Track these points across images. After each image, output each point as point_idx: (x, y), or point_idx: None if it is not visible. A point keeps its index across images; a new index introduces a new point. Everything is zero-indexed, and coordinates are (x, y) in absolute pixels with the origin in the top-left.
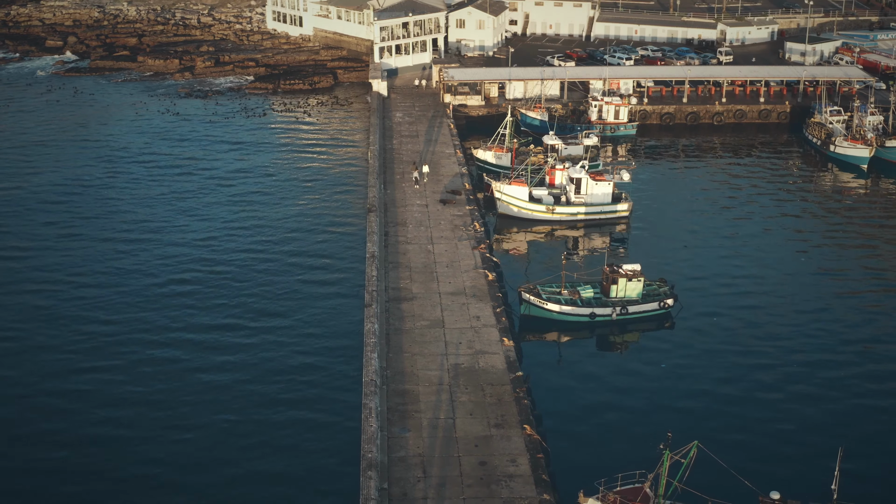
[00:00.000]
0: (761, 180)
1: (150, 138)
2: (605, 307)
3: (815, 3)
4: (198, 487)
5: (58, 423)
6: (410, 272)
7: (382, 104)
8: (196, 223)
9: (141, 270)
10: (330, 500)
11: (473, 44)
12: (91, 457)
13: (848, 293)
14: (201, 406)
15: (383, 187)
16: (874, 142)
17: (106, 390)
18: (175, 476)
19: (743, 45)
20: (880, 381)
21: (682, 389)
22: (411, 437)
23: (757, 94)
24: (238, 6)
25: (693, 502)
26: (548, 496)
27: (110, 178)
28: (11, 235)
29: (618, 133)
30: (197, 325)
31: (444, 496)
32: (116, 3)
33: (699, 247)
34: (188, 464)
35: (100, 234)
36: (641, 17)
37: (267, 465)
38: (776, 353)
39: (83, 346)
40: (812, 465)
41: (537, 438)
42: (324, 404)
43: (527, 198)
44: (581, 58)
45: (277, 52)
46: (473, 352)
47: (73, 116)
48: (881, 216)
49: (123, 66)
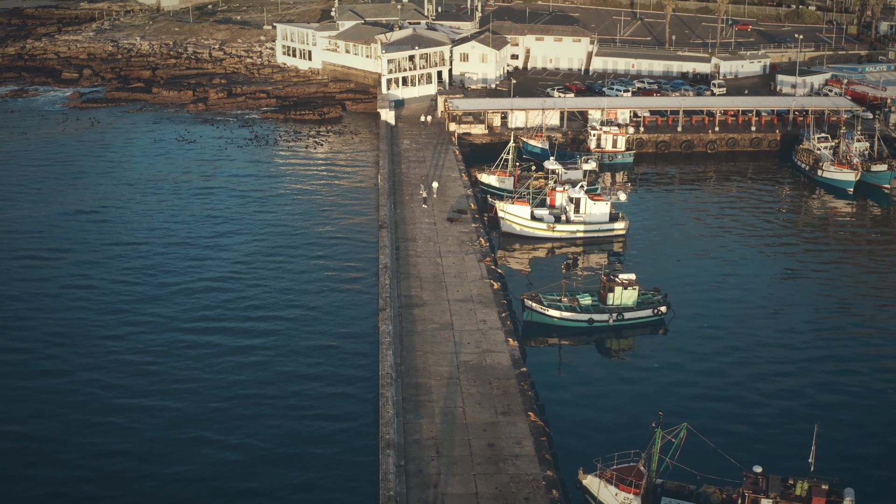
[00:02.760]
0: (752, 203)
1: (167, 163)
2: (602, 313)
3: (807, 38)
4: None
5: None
6: (421, 282)
7: (390, 132)
8: (218, 236)
9: (163, 294)
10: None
11: (477, 76)
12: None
13: (828, 300)
14: (227, 403)
15: (393, 207)
16: (860, 166)
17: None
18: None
19: (736, 79)
20: (850, 375)
21: (673, 382)
22: (425, 423)
23: (749, 124)
24: (248, 41)
25: (683, 478)
26: (551, 473)
27: (132, 198)
28: (47, 240)
29: (615, 161)
30: (224, 329)
31: (456, 472)
32: (129, 37)
33: (691, 261)
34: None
35: (131, 251)
36: (638, 52)
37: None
38: (759, 353)
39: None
40: (790, 442)
41: (541, 424)
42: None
43: (529, 217)
44: (580, 90)
45: (287, 85)
46: (481, 351)
47: (91, 143)
48: (866, 235)
49: (138, 98)
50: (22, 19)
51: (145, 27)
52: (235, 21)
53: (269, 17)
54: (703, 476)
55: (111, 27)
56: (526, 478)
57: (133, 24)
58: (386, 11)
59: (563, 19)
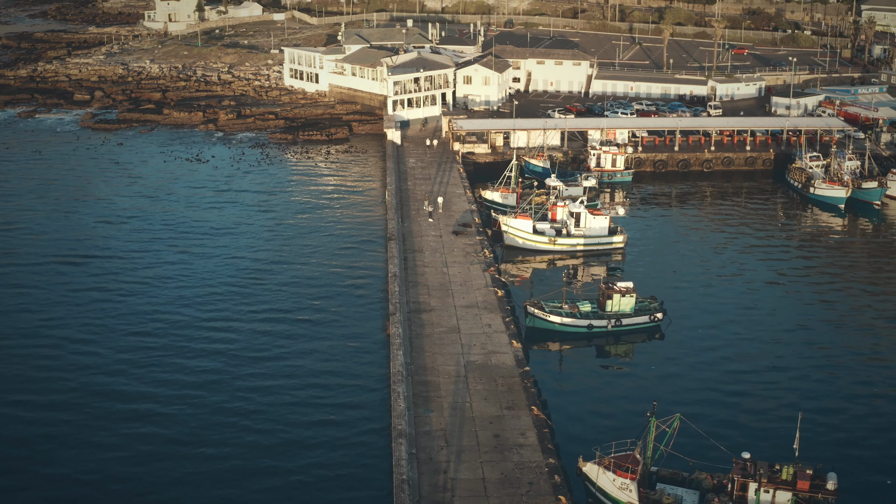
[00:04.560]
0: (746, 219)
1: (181, 179)
2: (601, 319)
3: (801, 61)
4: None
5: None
6: (428, 289)
7: (397, 151)
8: (232, 247)
9: (176, 300)
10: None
11: (479, 98)
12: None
13: (815, 307)
14: (240, 402)
15: (401, 221)
16: (850, 183)
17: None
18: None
19: (732, 101)
20: (831, 369)
21: (667, 379)
22: (434, 416)
23: (743, 143)
24: (255, 64)
25: (677, 465)
26: (553, 461)
27: (151, 211)
28: (64, 244)
29: (614, 179)
30: (238, 339)
31: (464, 460)
32: (139, 60)
33: (687, 272)
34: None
35: (141, 265)
36: (636, 75)
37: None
38: (747, 351)
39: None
40: (776, 431)
41: (543, 417)
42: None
43: (531, 230)
44: (580, 112)
45: (295, 107)
46: (486, 352)
47: (106, 160)
48: (857, 248)
49: (150, 119)
50: (31, 43)
51: (154, 51)
52: (243, 45)
53: (275, 41)
54: (695, 463)
55: (121, 51)
56: (530, 465)
57: (142, 48)
58: (391, 36)
59: (564, 44)
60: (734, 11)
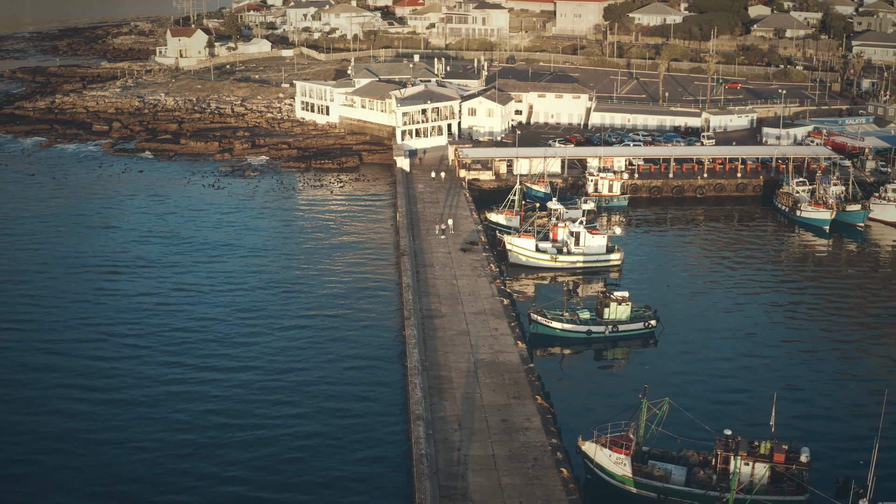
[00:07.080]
0: (736, 240)
1: (198, 205)
2: (599, 326)
3: (792, 95)
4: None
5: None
6: (439, 298)
7: (406, 178)
8: (254, 265)
9: (202, 315)
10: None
11: (483, 129)
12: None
13: (800, 310)
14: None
15: (412, 239)
16: (835, 206)
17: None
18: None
19: (725, 132)
20: (804, 358)
21: (657, 373)
22: (447, 404)
23: (735, 171)
24: (267, 97)
25: (666, 444)
26: (555, 440)
27: (175, 229)
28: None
29: (611, 204)
30: (271, 340)
31: (476, 440)
32: (154, 93)
33: (680, 286)
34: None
35: (166, 283)
36: (633, 108)
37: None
38: (732, 346)
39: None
40: (754, 410)
41: (546, 405)
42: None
43: (534, 249)
44: (580, 142)
45: (307, 137)
46: (494, 351)
47: (129, 184)
48: (842, 266)
49: (167, 148)
50: (46, 77)
51: (168, 84)
52: (254, 80)
53: (285, 76)
54: (682, 440)
55: (135, 84)
56: (535, 444)
57: (156, 82)
58: (398, 70)
59: (564, 78)
60: (729, 48)
